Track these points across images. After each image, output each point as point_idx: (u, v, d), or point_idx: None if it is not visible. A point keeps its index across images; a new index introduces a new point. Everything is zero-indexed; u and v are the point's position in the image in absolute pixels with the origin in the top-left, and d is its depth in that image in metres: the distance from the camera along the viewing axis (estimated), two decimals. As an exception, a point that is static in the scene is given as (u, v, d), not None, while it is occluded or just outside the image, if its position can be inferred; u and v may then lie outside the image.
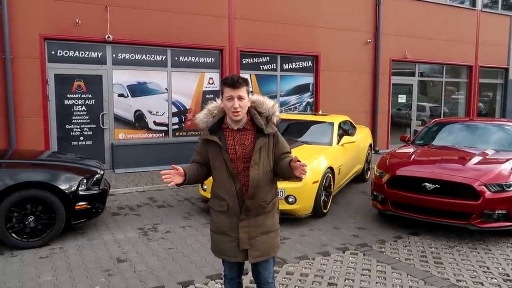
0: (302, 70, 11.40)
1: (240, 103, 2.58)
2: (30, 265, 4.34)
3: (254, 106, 2.72)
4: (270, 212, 2.76)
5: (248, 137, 2.68)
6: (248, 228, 2.68)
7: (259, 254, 2.71)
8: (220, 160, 2.68)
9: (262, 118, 2.69)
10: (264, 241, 2.71)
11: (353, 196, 7.42)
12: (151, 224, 5.74)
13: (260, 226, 2.71)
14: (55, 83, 8.45)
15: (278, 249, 2.84)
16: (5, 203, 4.62)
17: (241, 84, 2.59)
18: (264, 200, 2.71)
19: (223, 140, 2.67)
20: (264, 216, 2.72)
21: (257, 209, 2.69)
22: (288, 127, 7.81)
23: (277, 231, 2.83)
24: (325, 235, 5.40)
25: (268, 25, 10.45)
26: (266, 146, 2.69)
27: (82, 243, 4.98)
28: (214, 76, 10.16)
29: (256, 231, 2.70)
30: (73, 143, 8.73)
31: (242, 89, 2.59)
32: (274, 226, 2.80)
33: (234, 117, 2.61)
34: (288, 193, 5.53)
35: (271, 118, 2.73)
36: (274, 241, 2.78)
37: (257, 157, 2.65)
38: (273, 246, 2.77)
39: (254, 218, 2.69)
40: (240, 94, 2.58)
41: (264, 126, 2.66)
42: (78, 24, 8.36)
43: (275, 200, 2.81)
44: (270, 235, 2.75)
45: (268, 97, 2.84)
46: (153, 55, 9.39)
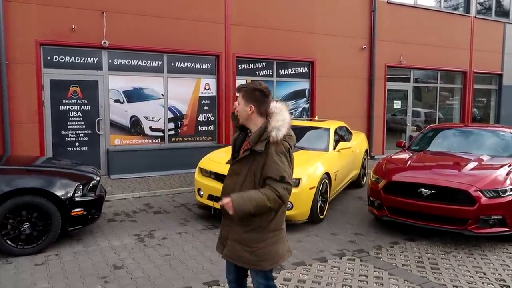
0: (298, 76, 11.44)
1: (237, 105, 2.71)
2: (25, 272, 4.31)
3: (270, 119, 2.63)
4: (250, 227, 2.62)
5: (246, 146, 2.68)
6: (228, 228, 2.75)
7: (228, 255, 2.73)
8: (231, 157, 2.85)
9: (265, 134, 2.58)
10: (235, 249, 2.68)
11: (350, 202, 7.43)
12: (148, 230, 5.71)
13: (236, 233, 2.68)
14: (50, 89, 8.41)
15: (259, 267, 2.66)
16: (0, 209, 4.59)
17: (239, 89, 2.71)
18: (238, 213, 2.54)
19: (241, 140, 2.77)
20: (243, 228, 2.64)
21: (232, 218, 2.61)
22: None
23: (255, 251, 2.62)
24: (322, 241, 5.39)
25: (264, 31, 10.50)
26: (256, 162, 2.59)
27: (78, 250, 4.95)
28: (210, 81, 10.17)
29: (232, 235, 2.71)
30: (69, 149, 8.69)
31: (239, 94, 2.69)
32: (250, 243, 2.62)
33: None
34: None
35: (269, 136, 2.56)
36: (247, 256, 2.63)
37: (238, 167, 2.65)
38: (244, 258, 2.65)
39: (235, 224, 2.67)
40: (237, 98, 2.70)
41: (252, 142, 2.59)
42: (74, 30, 8.35)
43: (255, 219, 2.59)
44: (244, 248, 2.64)
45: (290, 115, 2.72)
46: (149, 61, 9.40)
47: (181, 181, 8.72)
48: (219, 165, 6.10)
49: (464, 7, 14.47)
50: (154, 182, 8.60)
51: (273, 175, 2.52)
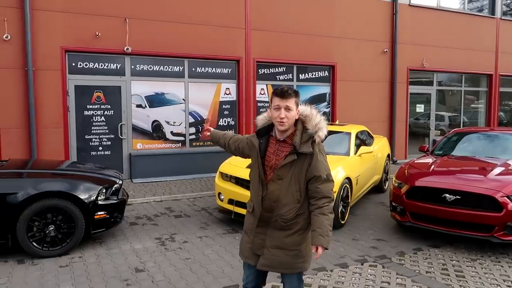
0: (318, 80, 11.39)
1: (286, 114, 2.57)
2: (50, 274, 4.40)
3: (303, 121, 2.67)
4: (291, 231, 2.67)
5: (285, 149, 2.66)
6: (263, 236, 2.71)
7: (267, 264, 2.71)
8: (255, 164, 2.75)
9: (304, 135, 2.62)
10: (276, 255, 2.67)
11: (371, 207, 7.33)
12: (169, 234, 5.76)
13: (276, 239, 2.69)
14: (75, 94, 8.62)
15: (299, 270, 2.73)
16: (27, 212, 4.71)
17: (290, 95, 2.58)
18: (284, 217, 2.65)
19: (265, 145, 2.73)
20: (283, 232, 2.67)
21: (276, 223, 2.67)
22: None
23: (297, 252, 2.68)
24: (343, 246, 5.33)
25: (284, 36, 10.50)
26: (299, 165, 2.61)
27: (101, 253, 5.03)
28: (231, 86, 10.22)
29: (271, 242, 2.69)
30: (92, 153, 8.86)
31: (291, 100, 2.57)
32: (294, 247, 2.68)
33: (280, 126, 2.62)
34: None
35: (313, 137, 2.62)
36: (289, 260, 2.68)
37: (283, 172, 2.62)
38: (286, 263, 2.67)
39: (273, 230, 2.69)
40: (288, 105, 2.57)
41: (298, 144, 2.59)
42: (98, 37, 8.54)
43: (298, 220, 2.66)
44: (285, 252, 2.67)
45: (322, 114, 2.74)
46: (171, 66, 9.52)
47: (201, 185, 8.77)
48: (239, 169, 6.12)
49: (489, 8, 14.16)
50: (175, 186, 8.68)
51: (322, 173, 2.60)
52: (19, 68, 7.97)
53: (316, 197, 2.63)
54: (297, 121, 2.66)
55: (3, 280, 4.24)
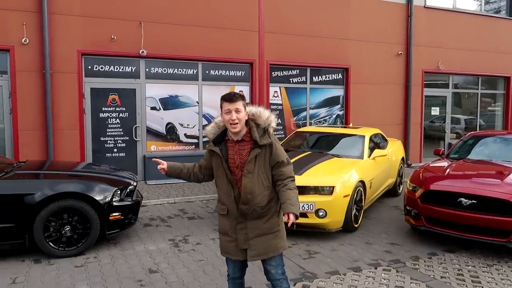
0: (332, 83, 11.35)
1: (237, 115, 2.83)
2: (66, 274, 4.47)
3: (253, 119, 2.96)
4: (267, 216, 2.96)
5: (246, 147, 2.92)
6: (245, 230, 2.95)
7: (256, 253, 2.95)
8: (221, 169, 2.96)
9: (259, 130, 2.92)
10: (260, 242, 2.94)
11: (385, 211, 7.27)
12: (182, 235, 5.80)
13: (256, 228, 2.94)
14: (91, 97, 8.75)
15: (282, 249, 3.02)
16: (44, 212, 4.79)
17: (238, 98, 2.87)
18: (259, 205, 2.92)
19: (225, 150, 2.96)
20: (261, 219, 2.95)
21: (253, 213, 2.92)
22: (318, 140, 7.77)
23: (277, 233, 2.99)
24: (356, 250, 5.30)
25: (298, 38, 10.50)
26: (262, 156, 2.91)
27: (115, 253, 5.08)
28: (244, 89, 10.25)
29: (253, 232, 2.94)
30: (107, 155, 8.98)
31: (239, 102, 2.85)
32: (272, 229, 2.98)
33: (233, 129, 2.87)
34: (318, 207, 5.48)
35: (267, 129, 2.94)
36: (272, 242, 2.97)
37: (251, 166, 2.89)
38: (272, 246, 2.96)
39: (252, 221, 2.94)
40: (237, 107, 2.84)
41: (258, 138, 2.88)
42: (114, 40, 8.66)
43: (271, 204, 2.98)
44: (267, 237, 2.95)
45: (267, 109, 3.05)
46: (185, 69, 9.60)
47: (214, 188, 8.73)
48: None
49: (507, 10, 13.93)
50: (189, 188, 8.73)
51: (283, 158, 2.96)
52: (37, 71, 8.13)
53: (281, 179, 2.96)
54: (247, 121, 2.93)
55: (20, 279, 4.32)
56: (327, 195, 5.55)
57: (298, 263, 4.82)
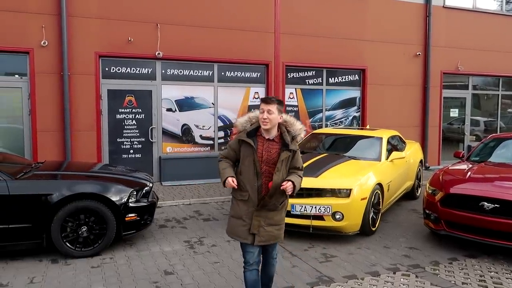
0: (348, 84, 11.23)
1: (268, 116, 3.22)
2: (82, 274, 4.48)
3: (285, 125, 3.37)
4: (280, 210, 3.39)
5: (274, 147, 3.32)
6: (259, 218, 3.30)
7: (263, 240, 3.33)
8: (250, 159, 3.30)
9: (290, 136, 3.34)
10: (269, 231, 3.34)
11: (403, 214, 7.14)
12: (197, 237, 5.78)
13: (269, 218, 3.33)
14: (108, 98, 8.82)
15: (281, 239, 3.46)
16: (61, 212, 4.82)
17: (273, 102, 3.26)
18: (279, 199, 3.34)
19: (256, 144, 3.31)
20: (275, 212, 3.35)
21: (271, 206, 3.31)
22: (335, 141, 7.68)
23: (282, 225, 3.44)
24: (374, 254, 5.20)
25: (314, 39, 10.42)
26: (288, 158, 3.32)
27: (131, 254, 5.09)
28: (260, 90, 10.22)
29: (265, 221, 3.32)
30: (124, 156, 9.04)
31: (273, 105, 3.24)
32: (280, 221, 3.41)
33: (263, 125, 3.27)
34: (335, 210, 5.40)
35: (296, 137, 3.37)
36: (278, 233, 3.40)
37: (280, 165, 3.28)
38: (276, 236, 3.39)
39: (267, 212, 3.31)
40: (270, 109, 3.23)
41: (289, 143, 3.30)
42: (130, 42, 8.72)
43: (285, 201, 3.44)
44: (275, 227, 3.37)
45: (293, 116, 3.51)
46: (200, 71, 9.61)
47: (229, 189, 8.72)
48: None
49: (529, 9, 13.61)
50: (204, 189, 8.73)
51: (299, 165, 3.40)
52: (56, 73, 8.23)
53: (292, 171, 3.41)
54: (280, 125, 3.33)
55: (38, 279, 4.35)
56: (344, 198, 5.47)
57: (314, 267, 4.75)
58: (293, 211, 5.49)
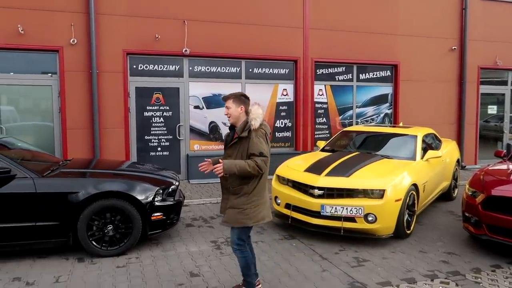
0: (379, 80, 10.86)
1: (228, 111, 3.65)
2: (107, 274, 4.42)
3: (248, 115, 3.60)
4: (239, 194, 3.58)
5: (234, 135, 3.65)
6: (226, 200, 3.69)
7: (224, 220, 3.66)
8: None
9: (247, 125, 3.53)
10: (228, 213, 3.63)
11: (439, 216, 6.78)
12: (224, 237, 5.64)
13: (230, 201, 3.63)
14: (135, 96, 8.81)
15: (242, 224, 3.58)
16: (87, 211, 4.78)
17: (228, 97, 3.65)
18: (232, 184, 3.59)
19: (232, 135, 3.70)
20: (234, 195, 3.61)
21: (231, 190, 3.62)
22: (366, 140, 7.40)
23: (242, 210, 3.56)
24: (409, 259, 4.91)
25: (344, 34, 10.11)
26: (242, 145, 3.55)
27: (157, 254, 5.00)
28: (288, 87, 10.00)
29: (228, 204, 3.64)
30: (151, 154, 9.01)
31: (229, 101, 3.63)
32: (239, 205, 3.58)
33: (228, 120, 3.69)
34: (367, 211, 5.14)
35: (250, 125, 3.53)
36: (235, 216, 3.58)
37: (231, 151, 3.64)
38: (234, 219, 3.59)
39: (230, 195, 3.64)
40: (227, 105, 3.64)
41: (239, 131, 3.56)
42: (158, 39, 8.67)
43: (243, 186, 3.56)
44: (235, 210, 3.58)
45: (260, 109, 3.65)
46: (228, 67, 9.48)
47: (257, 188, 8.60)
48: (296, 173, 5.88)
49: None
50: (231, 188, 8.59)
51: (255, 151, 3.49)
52: (84, 71, 8.27)
53: None
54: (247, 115, 3.59)
55: (63, 278, 4.31)
56: (377, 199, 5.20)
57: (346, 271, 4.52)
58: (323, 212, 5.28)
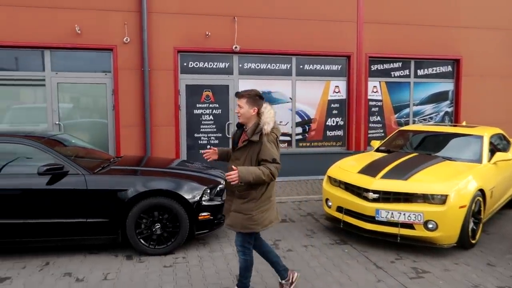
0: (439, 76, 10.20)
1: (239, 110, 3.44)
2: (154, 273, 4.37)
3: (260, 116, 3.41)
4: (246, 199, 3.41)
5: (245, 137, 3.44)
6: (230, 202, 3.53)
7: (228, 223, 3.52)
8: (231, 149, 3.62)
9: (258, 128, 3.36)
10: (234, 216, 3.46)
11: (509, 225, 6.18)
12: (273, 239, 5.45)
13: (237, 204, 3.46)
14: (186, 93, 8.83)
15: (250, 230, 3.45)
16: (135, 209, 4.77)
17: (242, 96, 3.42)
18: (238, 188, 3.39)
19: (239, 134, 3.56)
20: (240, 199, 3.43)
21: (236, 193, 3.44)
22: (425, 140, 6.91)
23: (250, 216, 3.40)
24: (475, 272, 4.47)
25: (401, 28, 9.58)
26: (252, 149, 3.37)
27: (204, 255, 4.90)
28: (340, 84, 9.64)
29: (233, 207, 3.48)
30: (201, 151, 8.98)
31: (242, 100, 3.41)
32: (247, 211, 3.41)
33: (238, 119, 3.52)
34: (427, 218, 4.74)
35: (262, 129, 3.34)
36: (242, 222, 3.42)
37: (239, 154, 3.45)
38: (241, 224, 3.43)
39: (236, 198, 3.46)
40: (239, 104, 3.43)
41: (250, 134, 3.37)
42: (208, 36, 8.63)
43: (251, 191, 3.39)
44: (240, 215, 3.43)
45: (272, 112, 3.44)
46: (278, 64, 9.27)
47: (307, 188, 8.35)
48: (349, 174, 5.57)
49: None
50: (281, 187, 8.40)
51: (267, 157, 3.33)
52: (136, 69, 8.40)
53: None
54: (259, 116, 3.40)
55: (111, 276, 4.31)
56: (439, 205, 4.79)
57: (404, 283, 4.17)
58: (378, 217, 4.94)
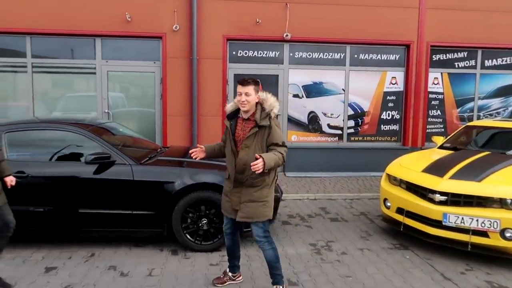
0: (510, 68, 9.30)
1: (246, 98, 3.32)
2: (200, 272, 4.13)
3: (261, 103, 3.39)
4: (259, 187, 3.36)
5: (249, 125, 3.38)
6: (239, 194, 3.40)
7: (244, 215, 3.39)
8: (228, 140, 3.47)
9: (263, 113, 3.35)
10: (248, 207, 3.37)
11: None
12: (325, 240, 5.07)
13: (248, 195, 3.37)
14: (234, 83, 8.56)
15: (267, 217, 3.39)
16: (182, 202, 4.55)
17: (249, 83, 3.33)
18: (252, 176, 3.30)
19: (234, 125, 3.47)
20: (254, 188, 3.36)
21: (247, 182, 3.36)
22: (496, 137, 6.22)
23: (265, 202, 3.38)
24: (562, 290, 3.89)
25: (467, 14, 8.79)
26: (260, 134, 3.33)
27: (252, 254, 4.61)
28: (398, 75, 9.01)
29: (244, 198, 3.38)
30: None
31: (249, 87, 3.32)
32: (261, 198, 3.37)
33: (242, 107, 3.37)
34: (505, 226, 4.18)
35: (270, 113, 3.34)
36: (258, 210, 3.36)
37: (249, 142, 3.35)
38: (258, 213, 3.36)
39: (246, 188, 3.37)
40: (247, 91, 3.31)
41: (258, 119, 3.32)
42: (258, 23, 8.30)
43: (264, 177, 3.35)
44: (255, 204, 3.36)
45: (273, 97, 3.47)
46: (331, 53, 8.79)
47: (359, 185, 7.87)
48: (412, 173, 5.06)
49: None
50: (330, 183, 7.97)
51: (278, 141, 3.34)
52: (185, 58, 8.22)
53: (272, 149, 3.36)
54: (257, 103, 3.38)
55: (156, 272, 4.11)
56: None
57: (478, 299, 3.68)
58: (446, 222, 4.43)
